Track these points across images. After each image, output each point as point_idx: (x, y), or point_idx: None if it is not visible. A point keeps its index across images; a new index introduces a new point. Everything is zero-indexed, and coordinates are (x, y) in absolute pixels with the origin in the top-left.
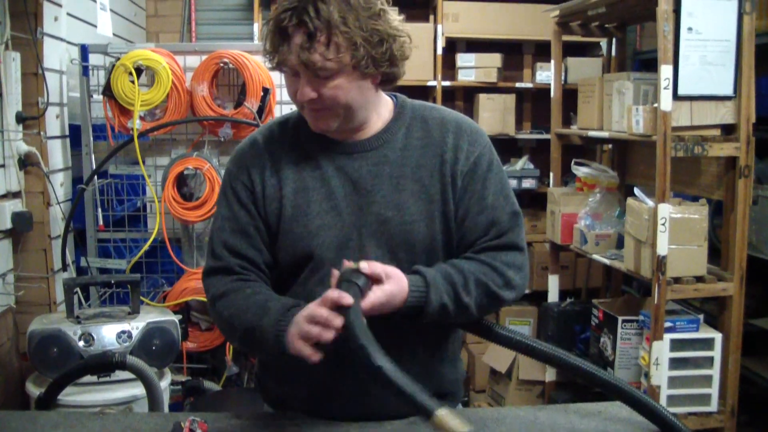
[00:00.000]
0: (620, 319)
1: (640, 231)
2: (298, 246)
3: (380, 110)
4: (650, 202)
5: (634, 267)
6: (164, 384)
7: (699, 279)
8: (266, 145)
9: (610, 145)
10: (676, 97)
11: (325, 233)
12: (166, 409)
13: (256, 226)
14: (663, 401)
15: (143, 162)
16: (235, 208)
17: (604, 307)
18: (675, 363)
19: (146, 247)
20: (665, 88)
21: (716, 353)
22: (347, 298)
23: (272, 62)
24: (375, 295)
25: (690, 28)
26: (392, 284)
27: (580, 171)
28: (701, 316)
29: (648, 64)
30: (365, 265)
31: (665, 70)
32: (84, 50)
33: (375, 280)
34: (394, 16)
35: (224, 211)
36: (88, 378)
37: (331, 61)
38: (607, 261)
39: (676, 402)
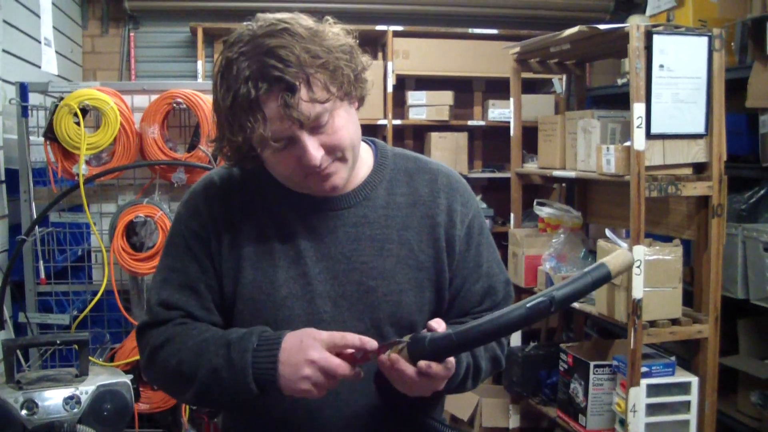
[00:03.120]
0: (592, 364)
1: None
2: (259, 317)
3: (363, 155)
4: (623, 244)
5: (607, 311)
6: None
7: (674, 321)
8: (224, 190)
9: (563, 185)
10: (649, 135)
11: (293, 304)
12: None
13: (207, 284)
14: None
15: (88, 209)
16: (185, 260)
17: (573, 352)
18: (651, 408)
19: (94, 301)
20: (638, 127)
21: (693, 397)
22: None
23: (243, 147)
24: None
25: (662, 66)
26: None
27: (543, 211)
28: (673, 359)
29: (599, 100)
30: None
31: (638, 108)
32: (23, 89)
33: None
34: (336, 28)
35: (171, 262)
36: None
37: (325, 101)
38: (576, 305)
39: None
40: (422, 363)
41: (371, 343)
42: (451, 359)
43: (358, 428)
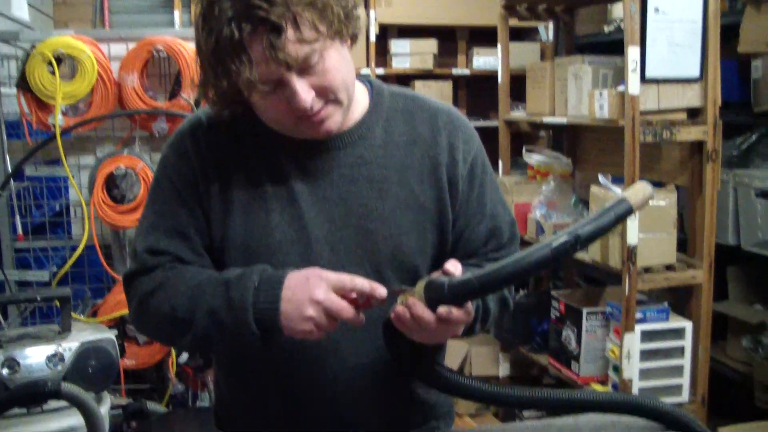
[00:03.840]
0: (585, 311)
1: None
2: (250, 264)
3: (358, 96)
4: (617, 190)
5: (601, 257)
6: (104, 410)
7: (669, 268)
8: (212, 131)
9: (551, 133)
10: (643, 80)
11: (288, 249)
12: None
13: (197, 228)
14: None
15: (66, 162)
16: (173, 204)
17: (565, 299)
18: (645, 354)
19: (75, 256)
20: (633, 71)
21: (687, 342)
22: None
23: (229, 91)
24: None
25: (657, 9)
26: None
27: (533, 158)
28: (666, 304)
29: (585, 49)
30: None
31: (632, 52)
32: None
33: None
34: None
35: (157, 207)
36: (16, 410)
37: (314, 41)
38: None
39: (647, 394)
40: (442, 309)
41: (380, 290)
42: (470, 303)
43: (360, 380)
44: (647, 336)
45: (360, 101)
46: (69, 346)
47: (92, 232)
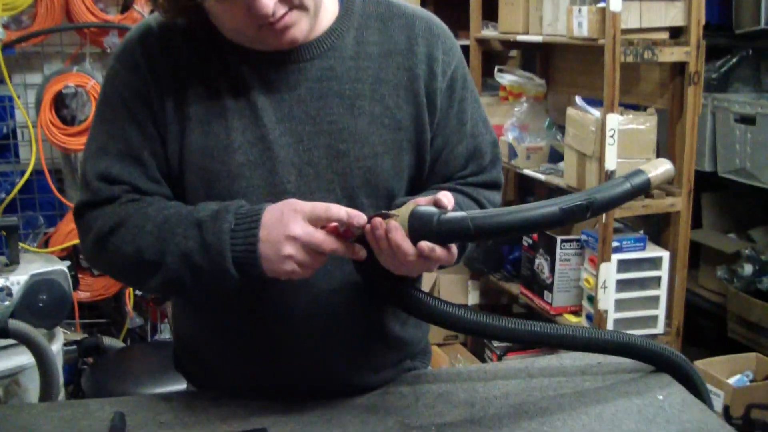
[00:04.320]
0: (559, 239)
1: (585, 144)
2: (212, 189)
3: (326, 1)
4: (595, 113)
5: (577, 183)
6: (56, 347)
7: (647, 195)
8: (164, 39)
9: (521, 53)
10: None
11: (250, 173)
12: (60, 377)
13: (152, 150)
14: (610, 326)
15: (10, 80)
16: (124, 124)
17: None
18: (621, 285)
19: (22, 182)
20: None
21: (663, 272)
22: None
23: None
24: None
25: None
26: None
27: (505, 79)
28: (642, 233)
29: None
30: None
31: None
32: None
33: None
34: None
35: (107, 127)
36: None
37: None
38: (542, 176)
39: (622, 325)
40: (425, 244)
41: (359, 218)
42: (455, 246)
43: (329, 312)
44: (623, 266)
45: (328, 8)
46: (17, 280)
47: (41, 155)
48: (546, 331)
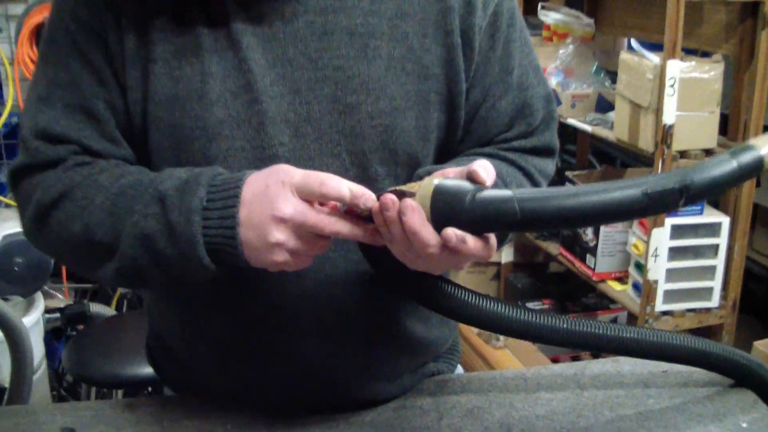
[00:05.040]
0: None
1: (640, 93)
2: (184, 153)
3: None
4: (654, 58)
5: (629, 137)
6: (34, 316)
7: (708, 152)
8: None
9: None
10: None
11: (232, 132)
12: (39, 349)
13: (108, 101)
14: (659, 298)
15: None
16: (72, 67)
17: (581, 182)
18: (674, 253)
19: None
20: None
21: (722, 239)
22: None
23: None
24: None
25: None
26: None
27: (549, 17)
28: None
29: None
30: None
31: None
32: None
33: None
34: None
35: (51, 71)
36: None
37: None
38: (588, 128)
39: (672, 298)
40: (452, 232)
41: (366, 198)
42: (494, 236)
43: (332, 305)
44: (678, 232)
45: None
46: None
47: (18, 96)
48: (605, 333)
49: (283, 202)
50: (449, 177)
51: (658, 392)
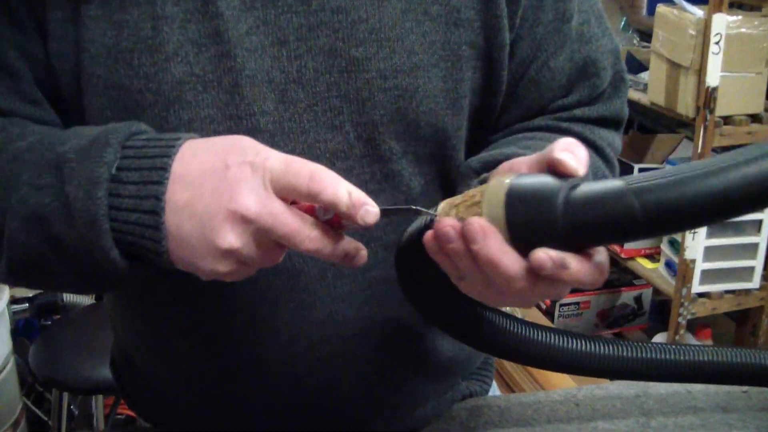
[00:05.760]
0: (636, 167)
1: (680, 52)
2: (130, 120)
3: None
4: (697, 11)
5: (666, 101)
6: None
7: (754, 118)
8: None
9: None
10: None
11: (195, 97)
12: (4, 345)
13: (26, 51)
14: (696, 279)
15: None
16: None
17: None
18: (712, 229)
19: None
20: None
21: (765, 215)
22: None
23: None
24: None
25: None
26: None
27: None
28: None
29: None
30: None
31: None
32: None
33: None
34: None
35: None
36: None
37: None
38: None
39: (710, 278)
40: (544, 255)
41: (367, 212)
42: (604, 252)
43: (341, 319)
44: None
45: None
46: None
47: None
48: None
49: (248, 194)
50: (523, 172)
51: (741, 419)
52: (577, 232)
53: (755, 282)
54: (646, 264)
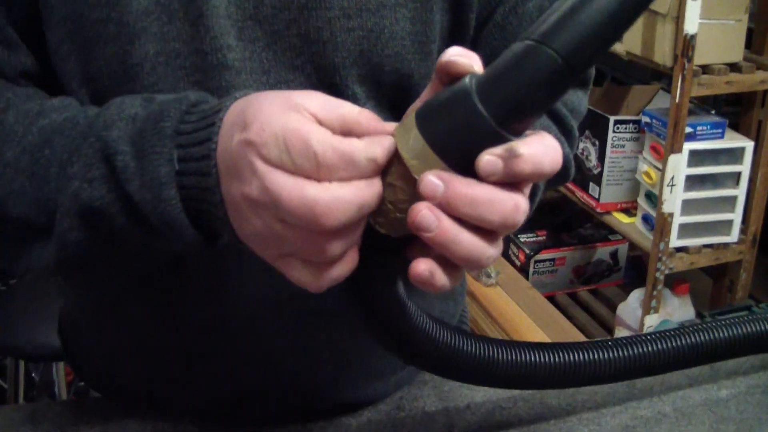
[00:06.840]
0: (612, 119)
1: None
2: (94, 60)
3: None
4: None
5: (642, 50)
6: None
7: (732, 68)
8: None
9: None
10: None
11: (162, 30)
12: None
13: None
14: (674, 232)
15: None
16: None
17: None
18: (690, 181)
19: None
20: None
21: (745, 167)
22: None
23: None
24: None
25: None
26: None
27: None
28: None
29: None
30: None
31: None
32: None
33: None
34: None
35: None
36: None
37: None
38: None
39: (688, 232)
40: (488, 156)
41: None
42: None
43: (291, 298)
44: (696, 158)
45: None
46: None
47: None
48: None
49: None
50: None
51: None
52: (507, 108)
53: (733, 236)
54: (622, 218)
